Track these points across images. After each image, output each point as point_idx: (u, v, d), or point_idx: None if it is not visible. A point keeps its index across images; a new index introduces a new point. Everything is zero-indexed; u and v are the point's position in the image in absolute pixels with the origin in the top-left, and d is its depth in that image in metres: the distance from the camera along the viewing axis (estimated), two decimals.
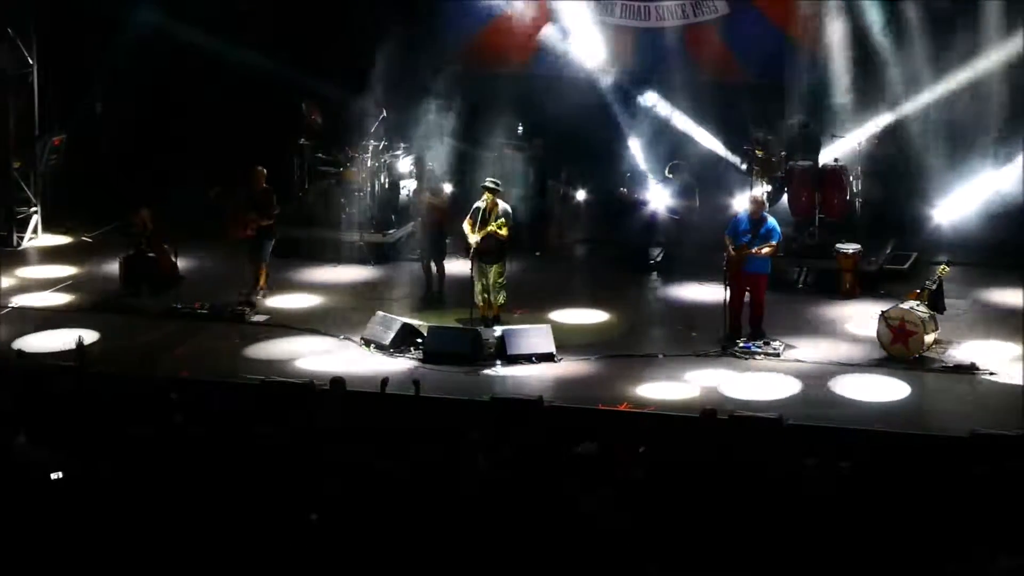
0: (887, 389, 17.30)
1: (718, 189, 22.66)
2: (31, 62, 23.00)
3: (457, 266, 20.31)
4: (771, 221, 18.77)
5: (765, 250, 18.54)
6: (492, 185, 19.37)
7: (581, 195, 23.35)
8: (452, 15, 24.93)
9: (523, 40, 24.78)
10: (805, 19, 23.18)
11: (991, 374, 17.54)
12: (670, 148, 22.78)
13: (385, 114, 22.85)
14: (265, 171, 20.40)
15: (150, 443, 13.33)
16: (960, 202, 21.90)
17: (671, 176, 22.08)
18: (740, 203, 21.47)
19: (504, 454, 13.20)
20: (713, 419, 14.69)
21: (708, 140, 23.14)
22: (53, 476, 12.34)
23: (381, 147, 22.71)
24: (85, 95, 24.65)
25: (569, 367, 18.11)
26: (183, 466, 12.95)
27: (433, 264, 20.49)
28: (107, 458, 12.92)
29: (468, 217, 19.26)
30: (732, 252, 18.46)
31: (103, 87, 24.55)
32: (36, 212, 23.21)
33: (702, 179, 22.42)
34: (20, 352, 17.53)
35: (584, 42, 23.99)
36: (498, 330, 18.61)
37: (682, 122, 23.19)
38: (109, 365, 16.80)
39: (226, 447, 13.42)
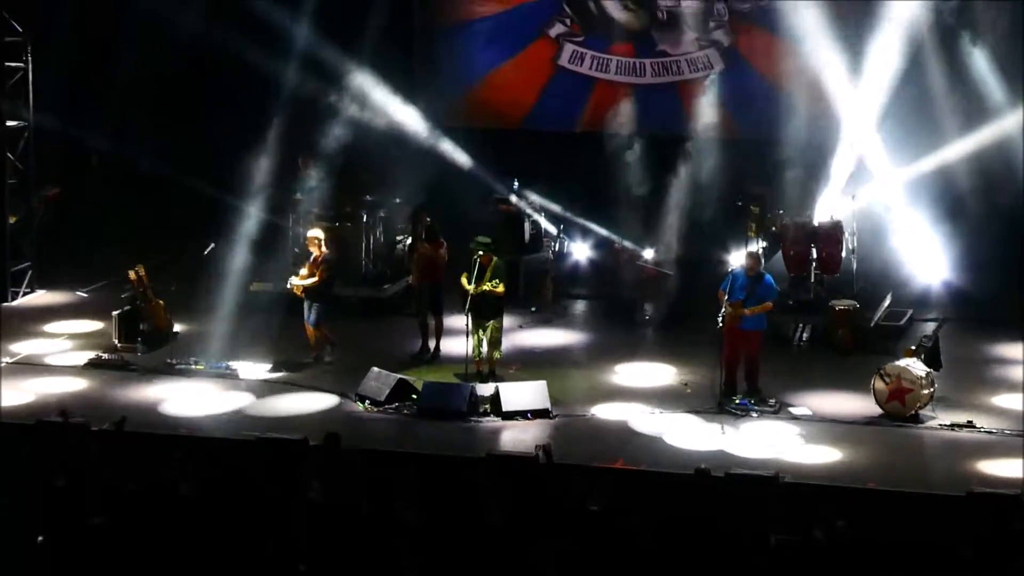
0: (883, 447, 17.24)
1: (712, 245, 22.71)
2: (27, 116, 23.03)
3: (453, 321, 20.32)
4: (768, 278, 18.75)
5: (756, 309, 18.51)
6: (485, 242, 19.41)
7: (577, 250, 23.45)
8: (448, 69, 25.07)
9: (519, 94, 24.94)
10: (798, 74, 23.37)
11: (988, 432, 17.52)
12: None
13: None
14: (322, 234, 20.32)
15: (149, 500, 13.30)
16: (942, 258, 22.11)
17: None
18: (733, 259, 21.55)
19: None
20: (707, 477, 14.63)
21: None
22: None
23: (376, 201, 22.78)
24: (81, 150, 24.72)
25: (564, 423, 18.07)
26: (180, 522, 12.93)
27: (430, 319, 20.46)
28: (108, 514, 12.89)
29: (465, 273, 19.29)
30: (728, 307, 18.43)
31: (100, 142, 24.58)
32: (31, 267, 23.21)
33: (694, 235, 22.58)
34: None
35: None
36: (493, 386, 18.57)
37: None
38: (103, 422, 16.72)
39: (224, 504, 13.39)
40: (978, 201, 22.39)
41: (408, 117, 23.98)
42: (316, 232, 20.20)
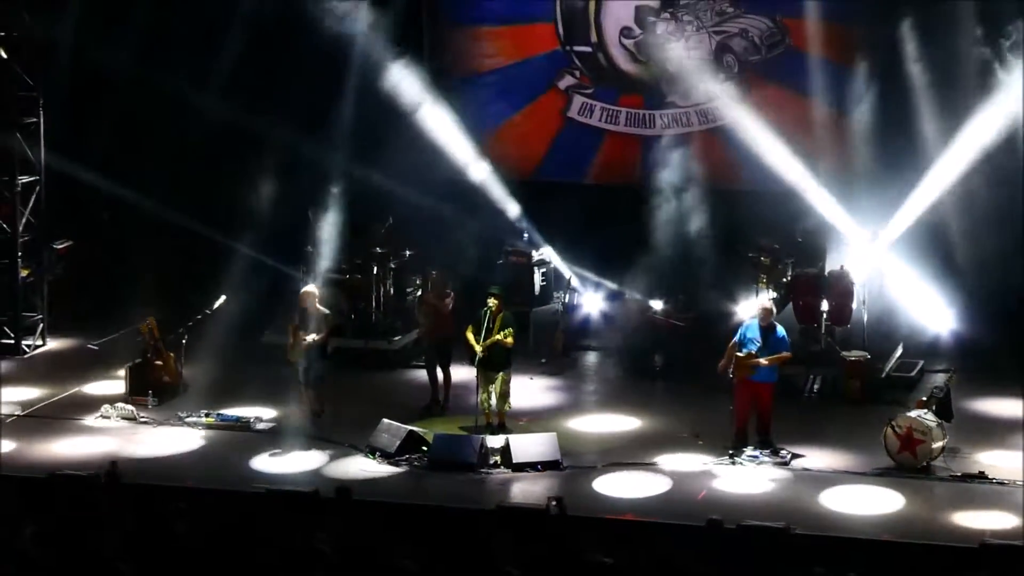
0: (895, 498, 17.19)
1: (722, 296, 22.71)
2: (39, 170, 23.13)
3: (462, 372, 20.31)
4: (780, 331, 18.71)
5: (772, 359, 18.47)
6: (497, 292, 19.45)
7: (587, 302, 23.45)
8: (457, 121, 25.15)
9: (529, 147, 25.00)
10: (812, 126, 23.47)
11: (1000, 483, 17.46)
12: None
13: (391, 221, 23.10)
14: (316, 292, 20.27)
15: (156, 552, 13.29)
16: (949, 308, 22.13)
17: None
18: (743, 310, 21.52)
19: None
20: (719, 529, 14.59)
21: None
22: None
23: (386, 254, 22.83)
24: (92, 203, 24.81)
25: (574, 475, 18.03)
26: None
27: (439, 371, 20.45)
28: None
29: (471, 326, 19.30)
30: (739, 356, 18.38)
31: (110, 195, 24.65)
32: (43, 320, 23.28)
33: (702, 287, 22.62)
34: None
35: None
36: (503, 437, 18.55)
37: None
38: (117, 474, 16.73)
39: (230, 558, 13.37)
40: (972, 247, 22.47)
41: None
42: (310, 288, 20.18)
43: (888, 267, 22.25)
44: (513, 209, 23.99)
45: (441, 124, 23.86)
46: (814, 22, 23.60)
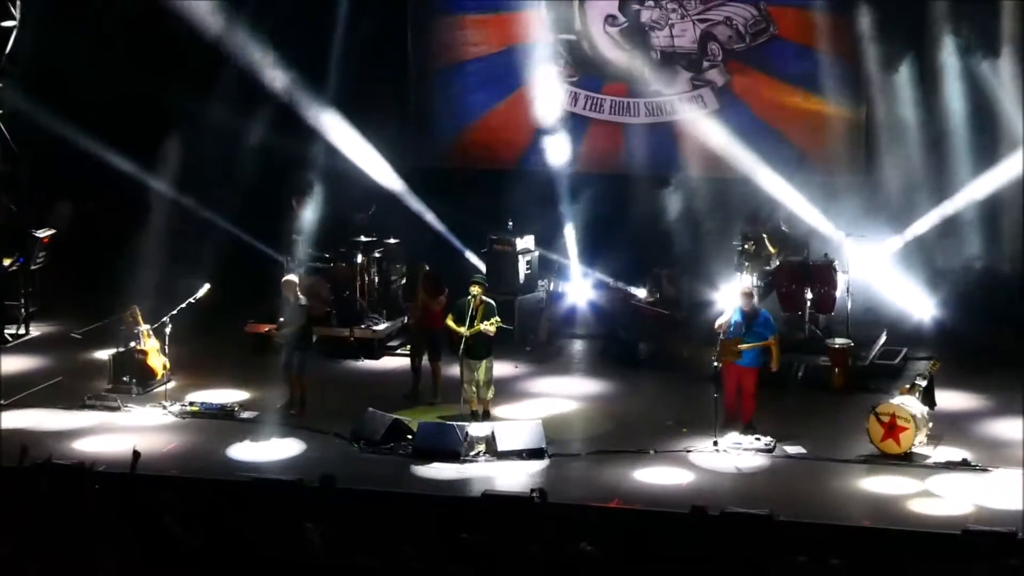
0: (878, 485, 17.23)
1: (706, 284, 22.73)
2: (20, 158, 23.06)
3: (445, 362, 20.32)
4: (764, 314, 18.76)
5: (766, 347, 18.51)
6: (480, 280, 19.45)
7: (571, 290, 23.43)
8: (442, 110, 25.16)
9: (513, 135, 24.98)
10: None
11: (983, 469, 17.50)
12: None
13: (374, 208, 23.11)
14: (296, 281, 20.21)
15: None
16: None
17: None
18: (725, 296, 21.52)
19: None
20: (703, 516, 14.61)
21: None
22: None
23: (371, 242, 22.81)
24: (74, 193, 24.77)
25: (559, 463, 18.03)
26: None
27: (428, 363, 20.38)
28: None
29: (451, 313, 19.29)
30: (724, 341, 18.39)
31: (92, 185, 24.61)
32: (26, 309, 23.21)
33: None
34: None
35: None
36: (488, 425, 18.55)
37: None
38: (99, 463, 16.71)
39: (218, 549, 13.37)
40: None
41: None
42: (291, 278, 20.13)
43: (871, 258, 22.35)
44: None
45: None
46: (800, 10, 23.64)
